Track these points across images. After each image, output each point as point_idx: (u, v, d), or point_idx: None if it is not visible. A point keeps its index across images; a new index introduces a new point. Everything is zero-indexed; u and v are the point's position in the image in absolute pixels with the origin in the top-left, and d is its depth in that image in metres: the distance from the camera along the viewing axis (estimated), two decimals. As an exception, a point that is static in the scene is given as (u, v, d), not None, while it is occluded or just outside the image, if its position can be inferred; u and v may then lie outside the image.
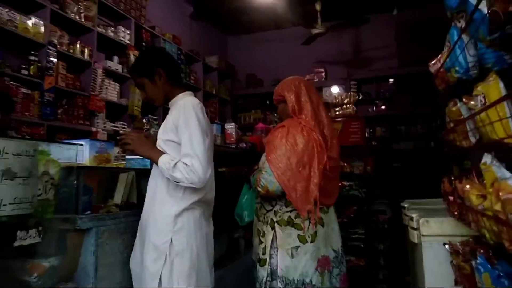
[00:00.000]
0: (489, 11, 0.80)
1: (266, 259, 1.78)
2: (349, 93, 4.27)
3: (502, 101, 0.88)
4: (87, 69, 3.68)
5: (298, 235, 1.75)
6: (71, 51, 3.50)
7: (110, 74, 3.99)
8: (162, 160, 1.55)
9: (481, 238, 1.14)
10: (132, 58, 4.16)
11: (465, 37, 1.13)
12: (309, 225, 1.74)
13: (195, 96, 1.76)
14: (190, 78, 5.58)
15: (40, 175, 1.21)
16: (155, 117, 4.58)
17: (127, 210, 1.74)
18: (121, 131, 1.69)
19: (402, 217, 2.01)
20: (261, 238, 1.83)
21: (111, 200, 1.75)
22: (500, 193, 0.80)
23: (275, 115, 4.72)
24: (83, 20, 3.60)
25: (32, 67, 3.10)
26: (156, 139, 1.68)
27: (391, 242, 3.88)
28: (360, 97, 6.07)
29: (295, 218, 1.76)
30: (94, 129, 3.66)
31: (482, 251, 1.17)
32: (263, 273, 1.77)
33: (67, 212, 1.43)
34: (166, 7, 5.41)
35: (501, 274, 0.94)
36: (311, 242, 1.75)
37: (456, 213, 1.39)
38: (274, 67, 6.83)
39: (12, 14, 2.97)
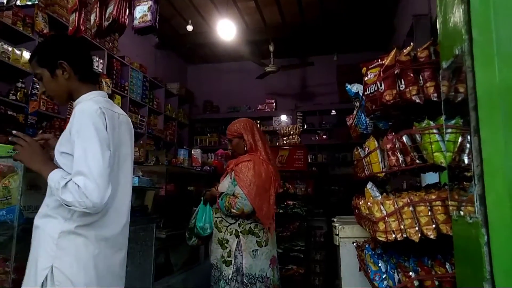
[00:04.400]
0: (363, 107, 1.49)
1: (231, 260, 2.26)
2: (295, 125, 5.01)
3: (374, 151, 1.58)
4: (64, 94, 4.08)
5: (257, 241, 2.30)
6: (52, 78, 3.90)
7: (83, 98, 4.40)
8: (51, 177, 1.29)
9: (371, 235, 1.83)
10: (104, 85, 4.61)
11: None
12: (263, 233, 2.32)
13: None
14: (154, 102, 6.08)
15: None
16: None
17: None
18: (14, 132, 1.42)
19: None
20: (225, 244, 2.29)
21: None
22: (368, 203, 1.47)
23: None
24: (64, 51, 4.02)
25: (19, 93, 3.48)
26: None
27: (326, 253, 4.58)
28: (305, 127, 6.92)
29: (254, 228, 2.30)
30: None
31: (370, 243, 1.85)
32: (229, 271, 2.24)
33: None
34: (134, 38, 5.87)
35: (374, 253, 1.61)
36: (265, 246, 2.32)
37: (359, 221, 2.08)
38: (230, 95, 7.52)
39: (6, 47, 3.36)
